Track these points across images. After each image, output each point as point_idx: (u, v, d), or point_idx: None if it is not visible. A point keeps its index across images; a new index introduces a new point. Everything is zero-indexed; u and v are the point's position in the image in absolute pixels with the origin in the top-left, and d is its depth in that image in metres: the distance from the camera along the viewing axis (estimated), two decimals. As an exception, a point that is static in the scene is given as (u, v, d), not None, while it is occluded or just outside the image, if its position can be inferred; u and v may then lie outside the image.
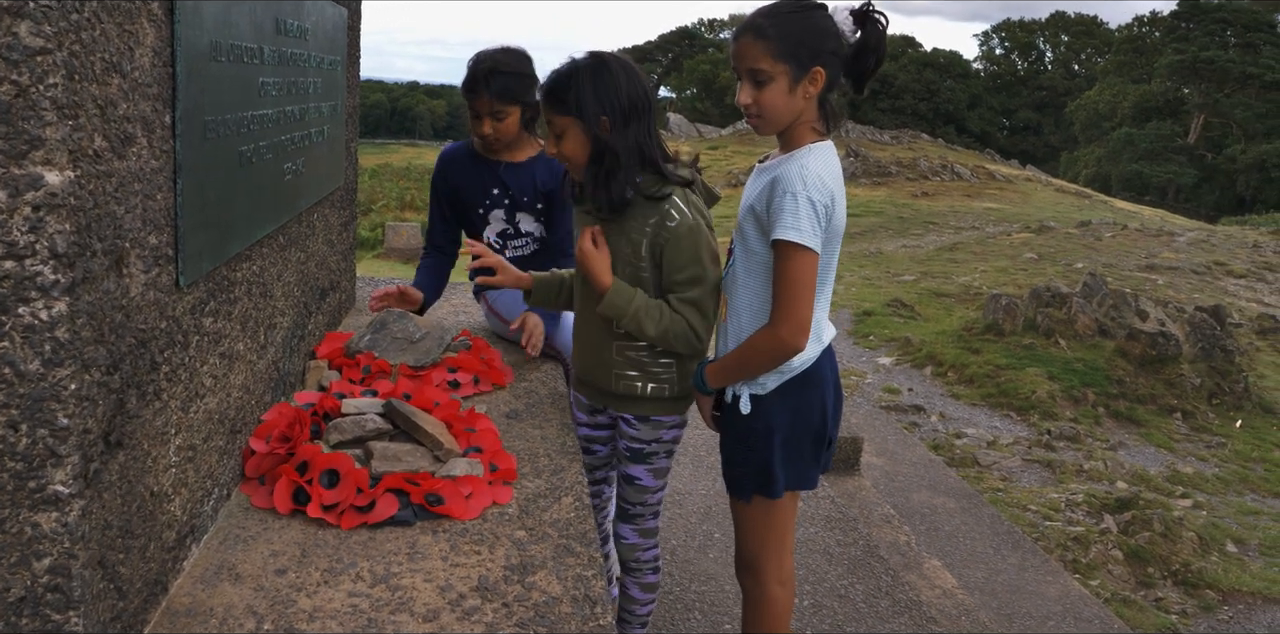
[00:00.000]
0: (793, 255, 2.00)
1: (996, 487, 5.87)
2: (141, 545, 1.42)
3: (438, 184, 3.11)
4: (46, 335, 1.12)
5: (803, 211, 1.97)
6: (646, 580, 2.49)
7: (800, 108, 2.06)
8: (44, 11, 1.05)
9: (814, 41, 2.01)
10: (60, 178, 1.10)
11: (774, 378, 2.15)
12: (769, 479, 2.20)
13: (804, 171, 2.00)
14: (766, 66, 2.01)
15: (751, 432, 2.19)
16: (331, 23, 2.59)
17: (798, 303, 2.02)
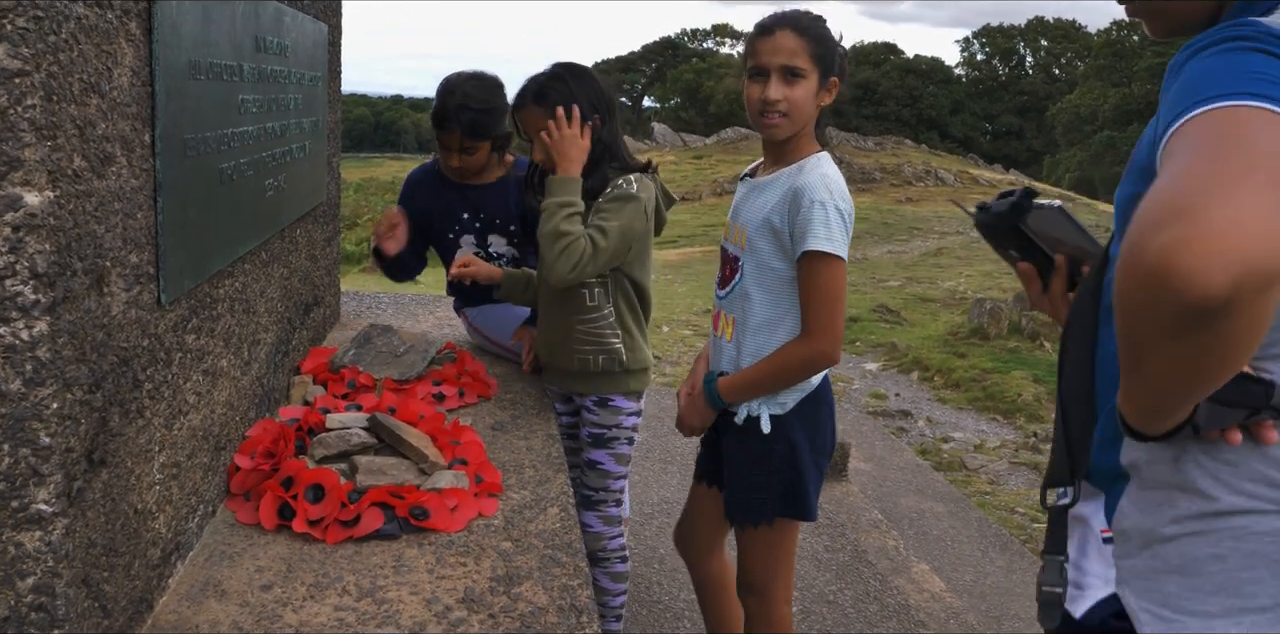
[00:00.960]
0: (825, 266, 1.99)
1: (984, 490, 5.90)
2: (126, 563, 1.43)
3: (406, 207, 3.06)
4: (28, 355, 1.13)
5: (833, 221, 1.97)
6: (615, 570, 2.53)
7: (812, 113, 2.09)
8: (21, 34, 1.06)
9: (836, 52, 2.08)
10: (40, 198, 1.11)
11: (794, 396, 2.14)
12: (799, 499, 2.17)
13: (827, 181, 2.01)
14: (803, 64, 2.03)
15: (772, 453, 2.15)
16: (312, 39, 2.60)
17: (835, 314, 2.02)
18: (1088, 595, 1.20)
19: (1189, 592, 1.11)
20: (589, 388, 2.50)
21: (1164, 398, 0.99)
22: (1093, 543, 1.22)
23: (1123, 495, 1.18)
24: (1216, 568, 1.10)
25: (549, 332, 2.55)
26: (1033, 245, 1.42)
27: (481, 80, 2.85)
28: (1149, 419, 1.05)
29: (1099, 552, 1.21)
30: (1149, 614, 1.13)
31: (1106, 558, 1.19)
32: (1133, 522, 1.16)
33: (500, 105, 2.84)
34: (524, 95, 2.36)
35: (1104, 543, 1.20)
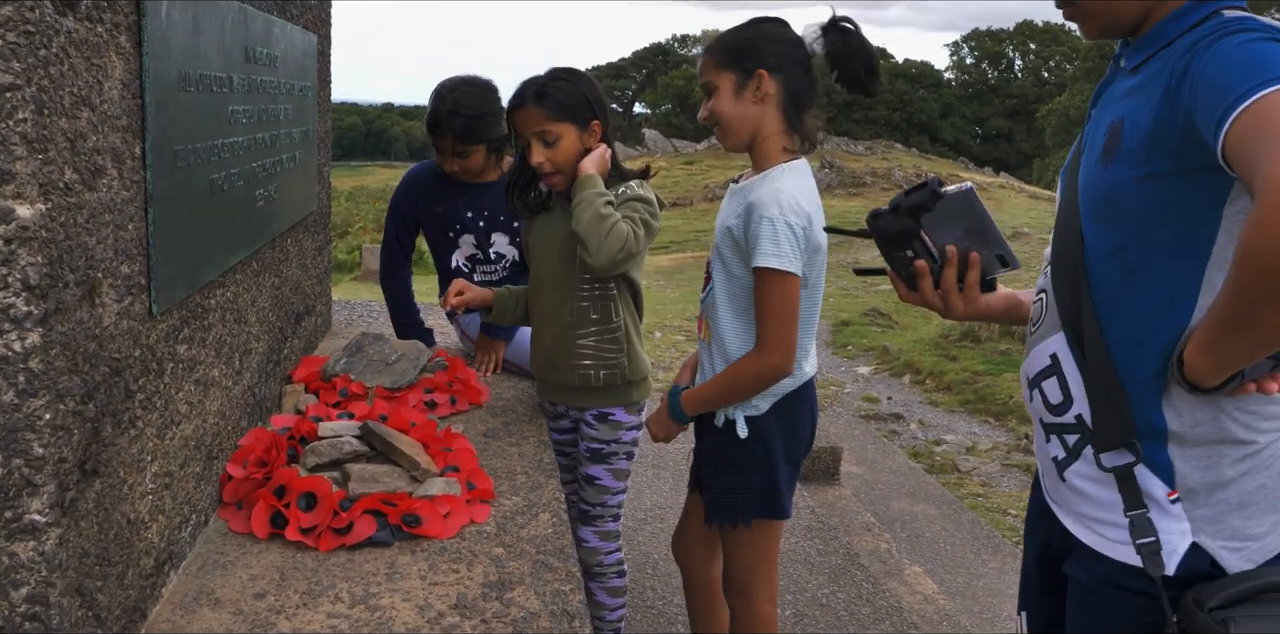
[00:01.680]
0: (775, 281, 2.01)
1: (976, 492, 5.92)
2: (119, 573, 1.44)
3: (404, 205, 3.06)
4: (20, 366, 1.14)
5: (781, 236, 1.97)
6: (612, 584, 2.52)
7: (753, 115, 2.07)
8: (12, 48, 1.07)
9: (757, 47, 2.04)
10: (31, 211, 1.12)
11: (768, 399, 2.16)
12: (775, 500, 2.20)
13: (779, 194, 2.00)
14: (712, 77, 2.07)
15: (749, 454, 2.17)
16: (301, 49, 2.61)
17: (785, 328, 2.04)
18: (1171, 551, 1.33)
19: (1247, 520, 1.33)
20: (589, 402, 2.46)
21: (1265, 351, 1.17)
22: (1155, 507, 1.35)
23: (1170, 458, 1.34)
24: (1262, 495, 1.33)
25: (546, 347, 2.48)
26: (924, 245, 1.50)
27: (473, 86, 2.87)
28: (1226, 371, 1.22)
29: (1166, 512, 1.35)
30: (1225, 550, 1.33)
31: (1178, 515, 1.34)
32: (1196, 479, 1.33)
33: (493, 109, 2.86)
34: (522, 96, 2.31)
35: (1172, 503, 1.34)
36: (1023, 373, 1.56)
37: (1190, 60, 1.21)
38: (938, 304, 1.58)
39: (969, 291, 1.55)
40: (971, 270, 1.54)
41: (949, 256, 1.51)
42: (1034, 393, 1.51)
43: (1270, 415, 1.32)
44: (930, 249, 1.52)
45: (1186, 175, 1.24)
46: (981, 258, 1.52)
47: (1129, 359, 1.34)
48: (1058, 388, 1.45)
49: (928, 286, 1.56)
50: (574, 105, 2.29)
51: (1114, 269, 1.36)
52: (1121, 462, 1.36)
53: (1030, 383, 1.52)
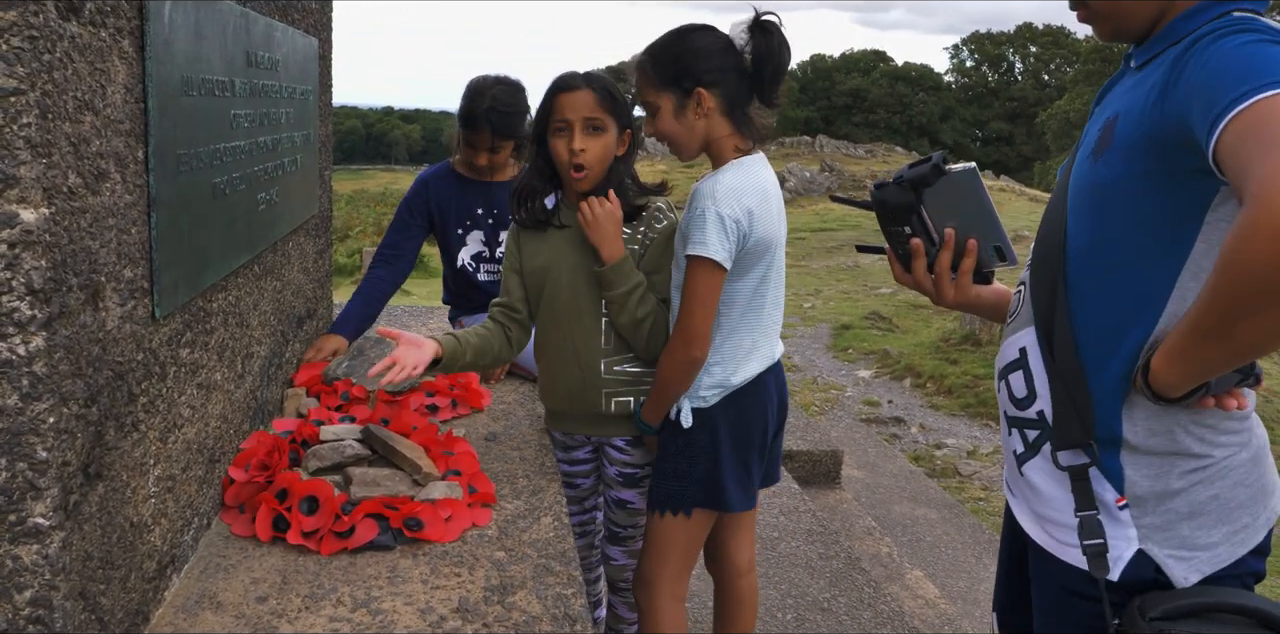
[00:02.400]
0: (696, 269, 2.00)
1: (978, 496, 5.92)
2: (122, 576, 1.44)
3: (415, 204, 3.09)
4: (24, 370, 1.14)
5: (710, 226, 1.97)
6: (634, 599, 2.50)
7: (700, 129, 2.07)
8: (16, 53, 1.07)
9: (689, 64, 2.02)
10: (35, 215, 1.12)
11: (715, 392, 2.15)
12: (718, 492, 2.18)
13: (716, 186, 2.00)
14: (651, 98, 2.08)
15: (694, 444, 2.16)
16: (303, 53, 2.62)
17: (693, 316, 2.03)
18: (1117, 558, 1.34)
19: (1197, 530, 1.33)
20: (622, 431, 2.33)
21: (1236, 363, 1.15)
22: (1104, 512, 1.35)
23: (1122, 466, 1.34)
24: (1214, 505, 1.33)
25: (572, 380, 2.30)
26: (924, 222, 1.49)
27: (507, 84, 2.95)
28: (1193, 381, 1.21)
29: (1114, 518, 1.35)
30: (1172, 559, 1.33)
31: (1125, 521, 1.34)
32: (1144, 488, 1.33)
33: (523, 107, 2.94)
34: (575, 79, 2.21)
35: (1120, 510, 1.34)
36: (995, 364, 1.56)
37: (1188, 58, 1.20)
38: (928, 287, 1.60)
39: (961, 279, 1.57)
40: (967, 257, 1.55)
41: (946, 240, 1.52)
42: (1001, 384, 1.51)
43: (1227, 430, 1.32)
44: (929, 227, 1.52)
45: (1174, 177, 1.23)
46: (979, 247, 1.53)
47: (1096, 360, 1.34)
48: (1023, 382, 1.45)
49: (921, 268, 1.58)
50: (621, 104, 2.23)
51: (1091, 267, 1.35)
52: (1077, 462, 1.36)
53: (999, 374, 1.53)
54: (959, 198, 1.49)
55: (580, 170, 2.18)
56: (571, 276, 2.26)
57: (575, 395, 2.32)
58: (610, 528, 2.45)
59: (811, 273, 16.31)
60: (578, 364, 2.28)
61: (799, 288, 14.41)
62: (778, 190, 2.12)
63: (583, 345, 2.27)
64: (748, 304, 2.12)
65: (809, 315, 11.77)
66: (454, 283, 3.16)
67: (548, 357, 2.36)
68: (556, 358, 2.33)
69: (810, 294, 13.71)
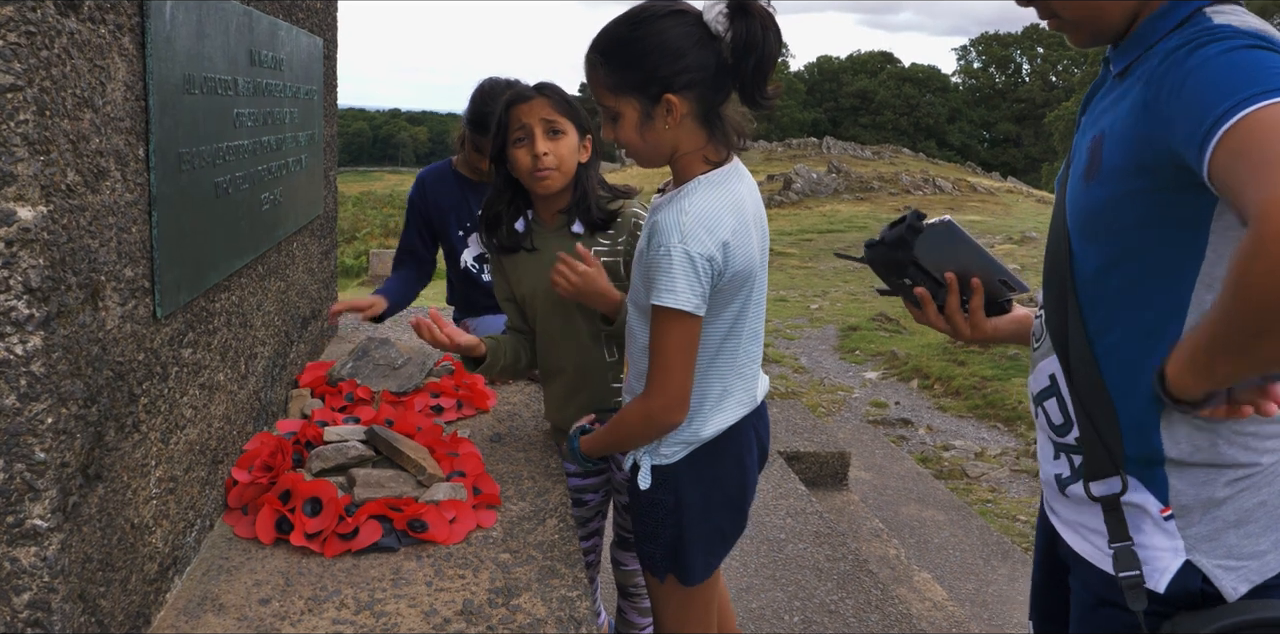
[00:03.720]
0: (666, 321, 1.69)
1: (986, 498, 5.89)
2: (123, 578, 1.42)
3: (416, 203, 3.11)
4: (22, 370, 1.13)
5: (677, 270, 1.65)
6: (644, 605, 2.48)
7: (668, 138, 1.73)
8: (13, 49, 1.06)
9: (657, 66, 1.66)
10: (33, 213, 1.11)
11: (678, 448, 1.84)
12: (681, 562, 1.91)
13: (681, 218, 1.66)
14: (610, 103, 1.73)
15: (658, 506, 1.88)
16: (307, 53, 2.61)
17: (671, 374, 1.72)
18: (1163, 569, 1.30)
19: (1244, 539, 1.29)
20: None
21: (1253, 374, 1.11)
22: (1149, 522, 1.31)
23: (1168, 477, 1.30)
24: (1261, 512, 1.29)
25: (577, 398, 2.26)
26: (923, 270, 1.52)
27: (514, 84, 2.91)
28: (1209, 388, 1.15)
29: (1159, 528, 1.31)
30: (1220, 569, 1.29)
31: (1170, 532, 1.30)
32: (1190, 497, 1.29)
33: None
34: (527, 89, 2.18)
35: (1165, 520, 1.30)
36: (1029, 387, 1.53)
37: (1164, 74, 1.15)
38: (944, 328, 1.59)
39: (974, 317, 1.56)
40: (975, 295, 1.54)
41: (949, 283, 1.53)
42: (1039, 410, 1.48)
43: (1269, 435, 1.28)
44: (930, 275, 1.53)
45: (1171, 192, 1.19)
46: (985, 282, 1.53)
47: (1124, 383, 1.30)
48: (1059, 409, 1.42)
49: (932, 312, 1.57)
50: (577, 111, 2.19)
51: (1103, 290, 1.32)
52: (1108, 491, 1.33)
53: (1035, 400, 1.49)
54: (948, 245, 1.51)
55: (544, 171, 2.12)
56: (557, 300, 2.18)
57: (585, 406, 2.25)
58: (620, 533, 2.42)
59: (819, 274, 16.28)
60: (584, 383, 2.25)
61: (806, 289, 14.38)
62: (755, 203, 1.82)
63: (586, 363, 2.22)
64: (720, 346, 1.81)
65: (816, 317, 11.74)
66: (459, 284, 3.16)
67: (551, 379, 2.33)
68: (561, 379, 2.30)
69: (817, 295, 13.69)
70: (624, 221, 2.20)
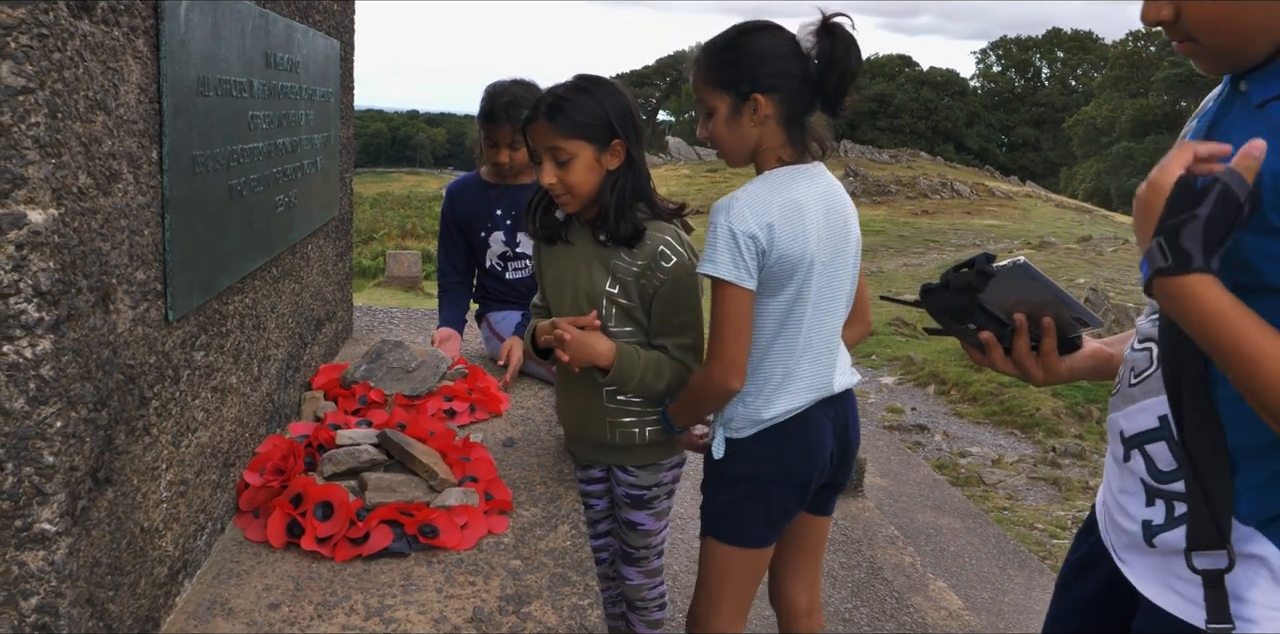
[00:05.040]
0: (716, 290, 1.88)
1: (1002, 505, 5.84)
2: (132, 582, 1.42)
3: (448, 217, 3.17)
4: (31, 373, 1.12)
5: (721, 243, 1.85)
6: (652, 617, 2.46)
7: (752, 136, 1.93)
8: (25, 51, 1.06)
9: (749, 68, 1.89)
10: (44, 216, 1.10)
11: (747, 426, 2.01)
12: (726, 526, 2.07)
13: (733, 201, 1.88)
14: (708, 98, 1.95)
15: (722, 472, 2.07)
16: (323, 55, 2.61)
17: (723, 340, 1.89)
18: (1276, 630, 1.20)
19: None
20: (631, 459, 2.25)
21: None
22: (1265, 578, 1.20)
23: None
24: None
25: (576, 408, 2.27)
26: (988, 314, 1.40)
27: (526, 85, 2.97)
28: None
29: (1278, 585, 1.20)
30: None
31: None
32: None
33: None
34: (535, 109, 2.06)
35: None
36: (1114, 423, 1.38)
37: None
38: (1013, 372, 1.46)
39: (1045, 359, 1.44)
40: (1047, 337, 1.42)
41: (1019, 325, 1.41)
42: (1133, 453, 1.34)
43: None
44: (997, 317, 1.41)
45: None
46: (1056, 321, 1.41)
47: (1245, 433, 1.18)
48: (1168, 454, 1.28)
49: (999, 356, 1.45)
50: (590, 123, 2.02)
51: None
52: (1213, 566, 1.20)
53: (1127, 441, 1.35)
54: (1019, 286, 1.38)
55: (560, 197, 2.09)
56: (574, 299, 2.17)
57: (581, 421, 2.27)
58: (624, 549, 2.40)
59: (835, 278, 16.20)
60: (581, 391, 2.22)
61: (822, 293, 14.31)
62: (823, 205, 1.95)
63: (584, 372, 2.14)
64: (778, 330, 1.95)
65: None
66: (486, 282, 3.19)
67: (559, 379, 2.35)
68: (565, 382, 2.29)
69: (833, 299, 13.62)
70: (649, 247, 2.09)
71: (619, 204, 2.07)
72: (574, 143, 2.03)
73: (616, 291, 2.11)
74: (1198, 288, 1.09)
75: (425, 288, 16.19)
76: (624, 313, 2.12)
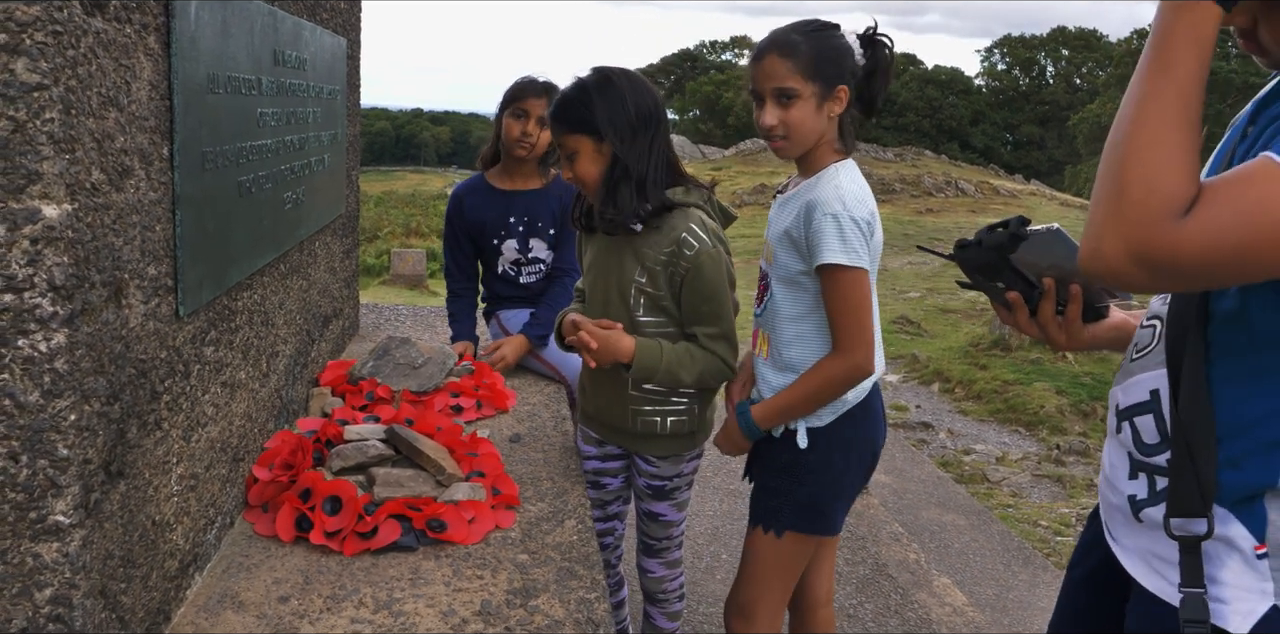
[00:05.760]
0: (844, 278, 1.95)
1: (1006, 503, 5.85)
2: (143, 575, 1.43)
3: (454, 219, 3.16)
4: (46, 367, 1.14)
5: (847, 232, 1.93)
6: (672, 609, 2.48)
7: (824, 128, 2.02)
8: (40, 48, 1.07)
9: (838, 60, 1.99)
10: (58, 211, 1.11)
11: (830, 411, 2.07)
12: (822, 514, 2.11)
13: (840, 191, 1.96)
14: (795, 84, 1.97)
15: (802, 463, 2.08)
16: (330, 53, 2.62)
17: (862, 325, 1.98)
18: (1246, 612, 1.21)
19: None
20: (650, 449, 2.28)
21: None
22: (1237, 559, 1.22)
23: (1268, 511, 1.20)
24: None
25: (600, 391, 2.31)
26: (1019, 274, 1.42)
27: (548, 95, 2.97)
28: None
29: (1249, 567, 1.22)
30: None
31: (1261, 572, 1.21)
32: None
33: None
34: (551, 110, 2.16)
35: (1258, 559, 1.21)
36: (1112, 396, 1.42)
37: None
38: (1036, 334, 1.48)
39: (1070, 325, 1.46)
40: (1072, 303, 1.44)
41: (1047, 289, 1.43)
42: (1124, 425, 1.37)
43: None
44: (1027, 277, 1.43)
45: None
46: (1084, 288, 1.43)
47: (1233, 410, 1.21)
48: (1154, 428, 1.32)
49: (1023, 317, 1.47)
50: (579, 120, 2.10)
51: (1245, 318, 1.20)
52: (1190, 532, 1.23)
53: (1120, 413, 1.38)
54: (1051, 249, 1.41)
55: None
56: (604, 288, 2.22)
57: (604, 406, 2.30)
58: (644, 540, 2.41)
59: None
60: (606, 377, 2.24)
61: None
62: None
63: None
64: None
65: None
66: (498, 286, 3.19)
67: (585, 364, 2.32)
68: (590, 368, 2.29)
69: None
70: (673, 234, 2.11)
71: (606, 195, 2.12)
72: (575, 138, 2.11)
73: (644, 281, 2.14)
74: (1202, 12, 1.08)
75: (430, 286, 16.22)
76: (652, 302, 2.15)
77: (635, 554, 2.50)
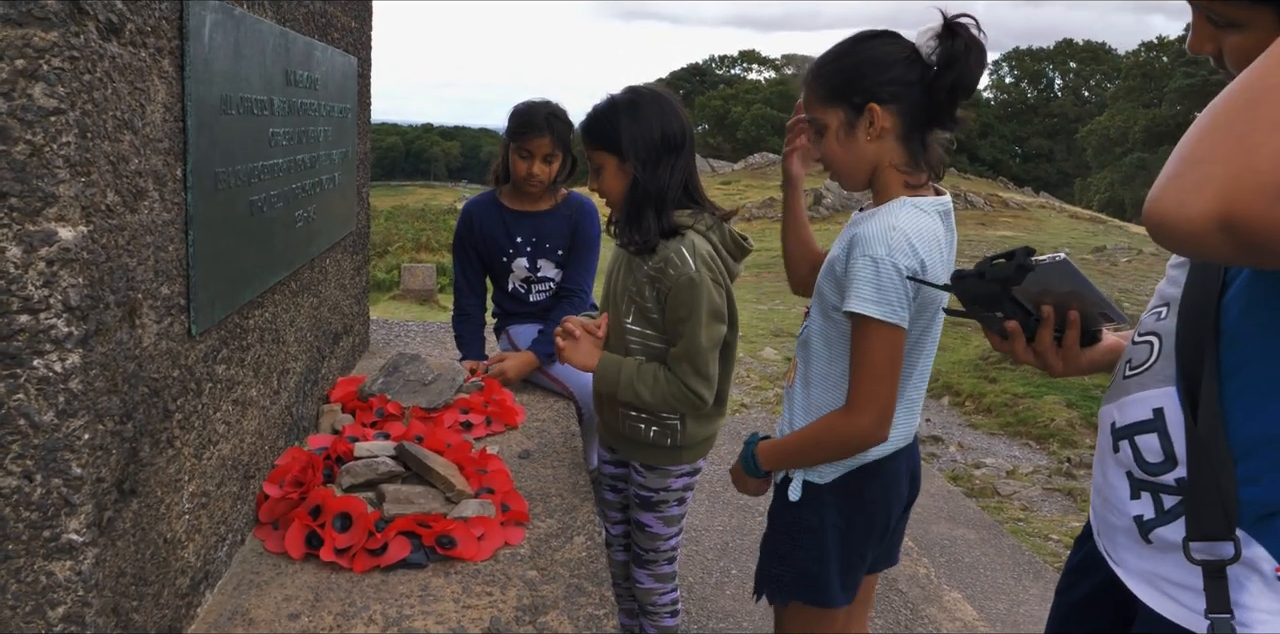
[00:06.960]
0: (871, 331, 1.71)
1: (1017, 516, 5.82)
2: (155, 592, 1.44)
3: (464, 235, 3.17)
4: (60, 387, 1.15)
5: (885, 280, 1.67)
6: (664, 624, 2.49)
7: (869, 152, 1.77)
8: (57, 73, 1.09)
9: (864, 77, 1.73)
10: (73, 233, 1.13)
11: (837, 468, 1.86)
12: (816, 585, 1.89)
13: (889, 233, 1.69)
14: (818, 114, 1.80)
15: (800, 525, 1.89)
16: (341, 72, 2.64)
17: (878, 386, 1.73)
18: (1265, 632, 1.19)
19: None
20: (637, 454, 2.35)
21: None
22: (1256, 581, 1.20)
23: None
24: None
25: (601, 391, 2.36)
26: (1017, 303, 1.41)
27: (553, 104, 3.00)
28: None
29: (1269, 589, 1.19)
30: None
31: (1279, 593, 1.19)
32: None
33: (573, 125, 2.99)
34: (582, 124, 2.28)
35: (1277, 580, 1.19)
36: (1105, 415, 1.39)
37: None
38: (1032, 361, 1.46)
39: (1068, 351, 1.44)
40: (1070, 330, 1.42)
41: (1045, 318, 1.41)
42: (1121, 444, 1.34)
43: None
44: (1025, 306, 1.42)
45: None
46: (1082, 315, 1.42)
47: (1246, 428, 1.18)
48: (1158, 447, 1.29)
49: (1021, 346, 1.45)
50: (606, 138, 2.19)
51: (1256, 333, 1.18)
52: (1215, 555, 1.19)
53: (1117, 432, 1.36)
54: (1054, 281, 1.38)
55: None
56: (610, 292, 2.34)
57: (602, 406, 2.43)
58: (634, 549, 2.45)
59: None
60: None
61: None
62: (951, 245, 1.84)
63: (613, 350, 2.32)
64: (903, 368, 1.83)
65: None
66: (508, 303, 3.21)
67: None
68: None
69: (847, 311, 13.61)
70: (664, 251, 2.16)
71: (629, 214, 2.21)
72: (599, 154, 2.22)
73: (635, 291, 2.22)
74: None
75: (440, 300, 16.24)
76: (641, 313, 2.23)
77: (630, 565, 2.52)
